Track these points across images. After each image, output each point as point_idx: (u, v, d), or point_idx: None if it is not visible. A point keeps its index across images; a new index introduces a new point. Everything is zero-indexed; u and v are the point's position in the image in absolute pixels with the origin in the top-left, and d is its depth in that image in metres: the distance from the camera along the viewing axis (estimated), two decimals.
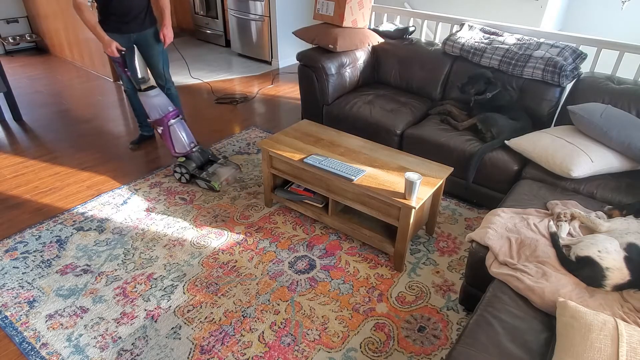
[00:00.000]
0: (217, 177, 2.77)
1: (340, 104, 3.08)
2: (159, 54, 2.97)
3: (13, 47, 5.59)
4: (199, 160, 2.86)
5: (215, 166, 2.87)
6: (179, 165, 2.81)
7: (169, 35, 2.90)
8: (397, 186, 2.09)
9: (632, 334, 1.21)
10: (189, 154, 2.84)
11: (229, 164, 2.92)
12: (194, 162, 2.82)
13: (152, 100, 2.76)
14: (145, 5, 2.83)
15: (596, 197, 2.12)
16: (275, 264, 2.24)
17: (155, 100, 2.77)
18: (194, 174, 2.80)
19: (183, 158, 2.82)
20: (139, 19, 2.82)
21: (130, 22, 2.79)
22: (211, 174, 2.79)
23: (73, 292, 2.05)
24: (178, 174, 2.85)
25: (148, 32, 2.89)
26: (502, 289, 1.55)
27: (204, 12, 6.04)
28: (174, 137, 2.80)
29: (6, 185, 2.85)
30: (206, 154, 2.93)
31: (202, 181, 2.77)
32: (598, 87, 2.53)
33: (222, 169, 2.86)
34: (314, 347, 1.81)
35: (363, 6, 3.27)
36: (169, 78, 3.13)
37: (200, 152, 2.90)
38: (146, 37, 2.90)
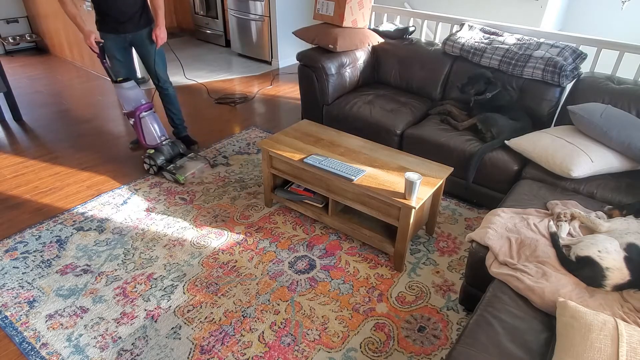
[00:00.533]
0: (183, 171, 2.86)
1: (340, 104, 3.08)
2: (155, 54, 2.97)
3: (13, 47, 5.59)
4: (169, 153, 2.95)
5: (183, 159, 2.98)
6: (148, 157, 2.89)
7: (161, 35, 2.89)
8: (397, 186, 2.09)
9: (632, 334, 1.21)
10: (158, 147, 2.92)
11: (198, 158, 3.02)
12: (162, 155, 2.90)
13: (125, 92, 2.84)
14: (141, 6, 2.82)
15: (596, 197, 2.12)
16: (275, 264, 2.24)
17: (128, 92, 2.84)
18: (162, 166, 2.88)
19: (152, 150, 2.90)
20: (135, 19, 2.81)
21: (126, 23, 2.79)
22: (178, 167, 2.89)
23: (73, 292, 2.05)
24: (147, 165, 2.93)
25: (143, 32, 2.89)
26: (502, 289, 1.55)
27: (204, 12, 6.04)
28: (145, 129, 2.91)
29: (6, 185, 2.85)
30: (177, 148, 3.01)
31: (168, 173, 2.85)
32: (598, 87, 2.53)
33: (190, 162, 2.96)
34: (314, 347, 1.81)
35: (363, 6, 3.27)
36: (166, 78, 3.11)
37: (171, 145, 2.99)
38: (142, 37, 2.89)
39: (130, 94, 2.85)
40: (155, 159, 2.87)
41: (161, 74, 3.06)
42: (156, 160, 2.87)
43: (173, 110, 3.24)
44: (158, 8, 2.85)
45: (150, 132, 2.92)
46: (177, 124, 3.30)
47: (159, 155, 2.89)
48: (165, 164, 2.90)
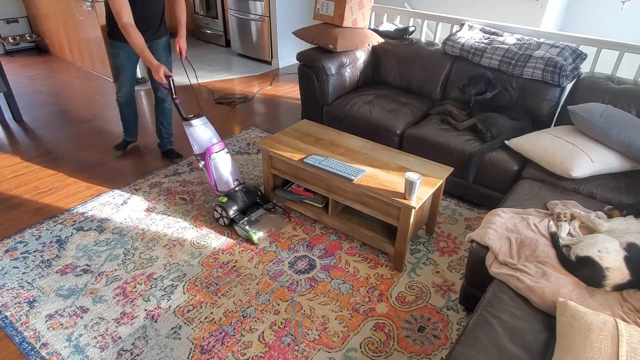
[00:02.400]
0: (257, 227, 2.40)
1: (340, 104, 3.08)
2: (165, 64, 2.77)
3: (13, 47, 5.59)
4: (242, 202, 2.50)
5: (259, 212, 2.50)
6: (219, 206, 2.45)
7: (184, 46, 2.80)
8: (397, 186, 2.09)
9: (632, 334, 1.21)
10: (231, 194, 2.50)
11: (276, 211, 2.55)
12: (236, 204, 2.46)
13: (195, 131, 2.43)
14: (160, 15, 2.75)
15: (596, 197, 2.12)
16: (275, 264, 2.24)
17: (198, 130, 2.43)
18: (234, 219, 2.44)
19: (225, 198, 2.47)
20: (154, 29, 2.72)
21: (146, 32, 2.60)
22: (253, 221, 2.43)
23: (73, 292, 2.05)
24: (217, 214, 2.50)
25: (160, 42, 2.80)
26: (502, 289, 1.55)
27: (204, 12, 6.04)
28: (216, 174, 2.46)
29: (6, 185, 2.85)
30: (253, 196, 2.57)
31: (241, 229, 2.38)
32: (598, 87, 2.53)
33: (267, 217, 2.48)
34: (314, 347, 1.81)
35: (363, 6, 3.27)
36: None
37: (246, 192, 2.55)
38: (158, 47, 2.79)
39: (199, 133, 2.43)
40: (228, 209, 2.42)
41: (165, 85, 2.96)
42: (228, 211, 2.42)
43: (164, 124, 3.11)
44: (181, 16, 2.75)
45: (221, 176, 2.46)
46: (164, 137, 3.18)
47: (232, 205, 2.44)
48: (239, 216, 2.45)
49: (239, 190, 2.52)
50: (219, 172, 2.46)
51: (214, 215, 2.55)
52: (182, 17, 2.75)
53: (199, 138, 2.43)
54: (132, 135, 3.28)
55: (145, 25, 2.63)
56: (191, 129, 2.42)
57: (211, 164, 2.44)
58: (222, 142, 2.50)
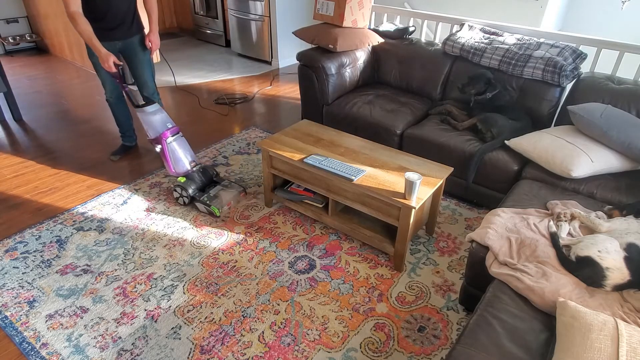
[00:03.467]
0: (218, 202, 2.56)
1: (340, 104, 3.08)
2: (146, 62, 2.81)
3: (13, 47, 5.59)
4: (200, 181, 2.65)
5: (217, 188, 2.65)
6: (178, 186, 2.60)
7: (155, 41, 2.73)
8: (397, 186, 2.09)
9: (632, 334, 1.21)
10: (189, 174, 2.64)
11: (232, 186, 2.71)
12: (194, 183, 2.61)
13: (149, 117, 2.56)
14: (132, 12, 2.68)
15: (596, 197, 2.12)
16: (275, 264, 2.24)
17: (152, 117, 2.57)
18: (194, 197, 2.59)
19: (183, 178, 2.61)
20: (125, 26, 2.66)
21: (116, 29, 2.62)
22: (212, 197, 2.57)
23: (73, 292, 2.05)
24: (177, 194, 2.65)
25: (134, 39, 2.74)
26: (502, 289, 1.55)
27: (204, 12, 6.04)
28: (173, 157, 2.61)
29: (6, 185, 2.85)
30: (209, 174, 2.72)
31: (202, 205, 2.55)
32: (598, 87, 2.53)
33: (225, 192, 2.64)
34: (314, 347, 1.81)
35: (363, 6, 3.27)
36: (154, 89, 2.96)
37: (202, 171, 2.70)
38: (132, 45, 2.74)
39: (155, 119, 2.57)
40: (187, 188, 2.56)
41: (150, 83, 2.90)
42: (188, 190, 2.56)
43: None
44: (152, 12, 2.69)
45: (178, 158, 2.62)
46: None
47: (191, 184, 2.59)
48: (198, 193, 2.60)
49: (195, 170, 2.68)
50: (175, 155, 2.62)
51: (173, 196, 2.69)
52: (152, 12, 2.69)
53: (153, 124, 2.57)
54: (129, 139, 3.24)
55: (113, 22, 2.60)
56: (144, 115, 2.56)
57: (167, 148, 2.60)
58: (176, 126, 2.66)
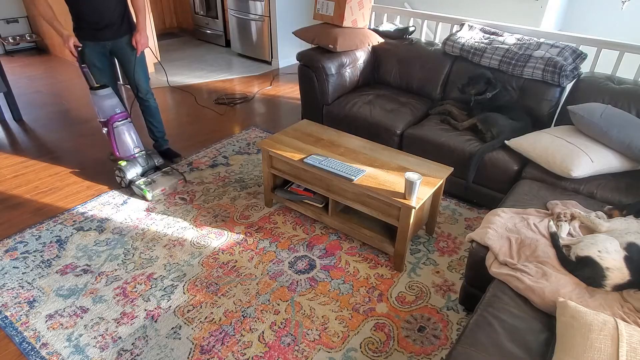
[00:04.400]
0: (153, 186, 2.70)
1: (340, 104, 3.08)
2: (138, 63, 2.77)
3: (13, 47, 5.59)
4: (142, 167, 2.81)
5: (157, 174, 2.83)
6: (118, 169, 2.76)
7: (141, 41, 2.68)
8: (397, 186, 2.09)
9: (632, 334, 1.21)
10: (131, 159, 2.77)
11: (173, 173, 2.86)
12: (134, 168, 2.77)
13: (100, 100, 2.64)
14: (122, 11, 2.63)
15: (596, 197, 2.12)
16: (275, 264, 2.24)
17: (103, 101, 2.64)
18: (132, 180, 2.74)
19: (124, 162, 2.75)
20: (114, 26, 2.62)
21: (105, 29, 2.59)
22: (149, 182, 2.73)
23: (73, 292, 2.05)
24: (118, 178, 2.80)
25: (124, 39, 2.69)
26: (502, 289, 1.55)
27: (204, 12, 6.04)
28: (118, 140, 2.71)
29: (6, 185, 2.85)
30: (152, 161, 2.88)
31: (137, 188, 2.70)
32: (598, 87, 2.53)
33: (163, 178, 2.80)
34: (314, 347, 1.81)
35: (363, 6, 3.27)
36: (148, 89, 2.91)
37: (146, 157, 2.84)
38: (122, 46, 2.70)
39: (106, 103, 2.65)
40: (126, 171, 2.73)
41: (142, 84, 2.86)
42: (126, 173, 2.73)
43: (154, 123, 3.05)
44: (138, 11, 2.65)
45: (124, 143, 2.73)
46: (158, 137, 3.13)
47: (131, 167, 2.76)
48: (137, 177, 2.77)
49: (138, 156, 2.80)
50: (120, 139, 2.72)
51: (116, 180, 2.83)
52: (139, 11, 2.66)
53: (103, 106, 2.66)
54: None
55: (101, 22, 2.57)
56: (96, 97, 2.64)
57: (114, 132, 2.70)
58: (125, 112, 2.74)
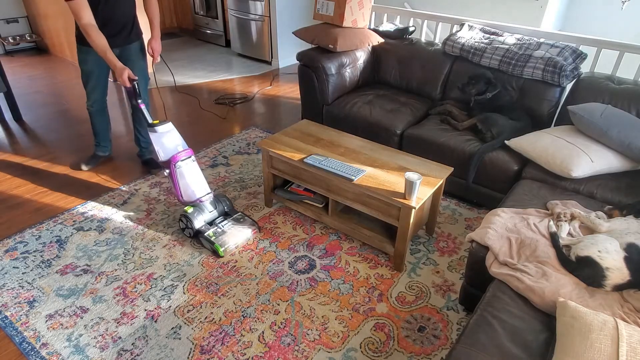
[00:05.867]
0: (224, 240, 2.30)
1: (340, 104, 3.08)
2: (141, 71, 2.71)
3: (13, 47, 5.59)
4: (209, 212, 2.41)
5: (226, 223, 2.40)
6: (184, 216, 2.36)
7: (158, 48, 2.62)
8: (397, 186, 2.09)
9: (632, 334, 1.21)
10: (197, 203, 2.40)
11: (245, 221, 2.45)
12: (201, 215, 2.37)
13: (160, 138, 2.32)
14: (132, 18, 2.60)
15: (596, 197, 2.12)
16: (275, 264, 2.24)
17: (163, 138, 2.32)
18: (200, 230, 2.33)
19: (190, 207, 2.38)
20: (125, 32, 2.58)
21: (116, 36, 2.52)
22: (219, 232, 2.33)
23: (73, 292, 2.05)
24: (182, 224, 2.41)
25: (133, 46, 2.66)
26: (502, 289, 1.55)
27: (204, 12, 6.04)
28: (182, 183, 2.34)
29: (6, 185, 2.85)
30: (221, 206, 2.48)
31: (207, 242, 2.29)
32: (598, 87, 2.53)
33: (235, 228, 2.38)
34: (314, 347, 1.81)
35: (363, 6, 3.27)
36: (147, 98, 2.79)
37: (214, 201, 2.45)
38: (130, 52, 2.65)
39: (166, 140, 2.31)
40: (193, 219, 2.32)
41: (142, 93, 2.67)
42: (193, 221, 2.32)
43: (142, 132, 2.97)
44: (153, 17, 2.58)
45: (187, 185, 2.34)
46: (143, 146, 3.04)
47: (198, 214, 2.35)
48: (205, 227, 2.35)
49: (205, 200, 2.40)
50: (184, 180, 2.34)
51: (179, 226, 2.45)
52: (154, 17, 2.59)
53: (164, 145, 2.32)
54: (104, 149, 3.09)
55: (114, 30, 2.51)
56: (156, 136, 2.31)
57: (176, 172, 2.32)
58: (189, 149, 2.39)
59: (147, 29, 2.64)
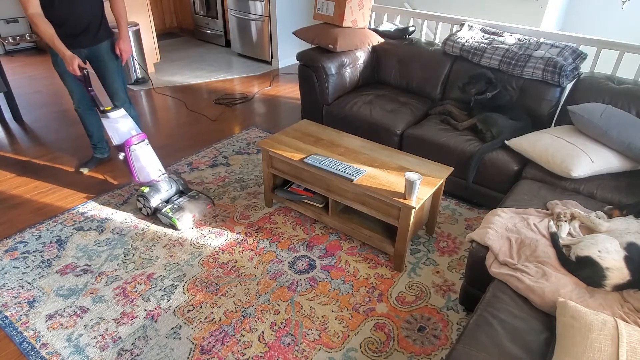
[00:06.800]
0: (181, 213, 2.45)
1: (340, 104, 3.08)
2: (115, 70, 2.67)
3: (13, 47, 5.59)
4: (165, 192, 2.55)
5: (183, 199, 2.56)
6: (141, 196, 2.49)
7: (126, 49, 2.58)
8: (397, 186, 2.09)
9: (632, 333, 1.21)
10: (153, 184, 2.53)
11: (200, 197, 2.61)
12: (157, 194, 2.50)
13: (113, 123, 2.44)
14: (98, 17, 2.52)
15: (596, 197, 2.12)
16: (275, 264, 2.24)
17: (116, 123, 2.45)
18: (157, 208, 2.48)
19: (146, 187, 2.50)
20: (91, 32, 2.51)
21: (80, 35, 2.48)
22: (176, 208, 2.47)
23: (73, 292, 2.05)
24: (140, 204, 2.54)
25: (102, 46, 2.58)
26: (502, 289, 1.55)
27: (204, 12, 6.04)
28: (137, 165, 2.48)
29: (6, 185, 2.85)
30: (176, 185, 2.63)
31: (164, 217, 2.44)
32: (598, 87, 2.53)
33: (191, 203, 2.53)
34: (314, 347, 1.81)
35: (363, 6, 3.27)
36: (126, 98, 2.81)
37: (169, 181, 2.59)
38: (99, 52, 2.59)
39: (120, 125, 2.46)
40: (150, 198, 2.46)
41: (121, 93, 2.76)
42: (150, 200, 2.46)
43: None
44: (120, 17, 2.52)
45: (142, 167, 2.49)
46: None
47: (155, 193, 2.49)
48: (162, 205, 2.50)
49: (161, 180, 2.55)
50: (139, 163, 2.49)
51: (137, 206, 2.58)
52: (120, 17, 2.53)
53: (117, 130, 2.46)
54: (102, 150, 3.08)
55: (77, 28, 2.47)
56: (108, 121, 2.44)
57: (131, 155, 2.47)
58: (143, 134, 2.53)
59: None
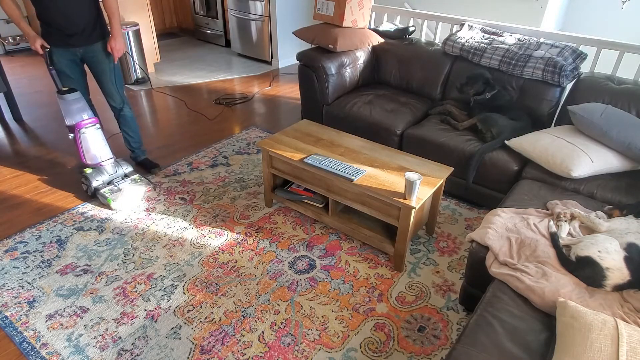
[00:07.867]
0: (117, 195, 2.60)
1: (340, 104, 3.08)
2: (110, 70, 2.66)
3: (13, 47, 5.59)
4: (109, 175, 2.70)
5: (123, 183, 2.70)
6: (83, 176, 2.68)
7: (117, 47, 2.57)
8: (397, 186, 2.09)
9: (632, 334, 1.21)
10: (98, 166, 2.67)
11: (141, 181, 2.75)
12: (100, 176, 2.67)
13: (67, 105, 2.53)
14: (94, 17, 2.51)
15: (596, 197, 2.12)
16: (275, 264, 2.24)
17: (70, 105, 2.54)
18: (97, 188, 2.65)
19: (89, 169, 2.67)
20: (86, 32, 2.50)
21: (75, 35, 2.48)
22: (115, 190, 2.62)
23: (73, 292, 2.05)
24: (84, 186, 2.73)
25: (97, 46, 2.58)
26: (502, 289, 1.55)
27: (204, 12, 6.04)
28: (84, 147, 2.62)
29: (6, 185, 2.85)
30: (120, 169, 2.76)
31: (101, 197, 2.62)
32: (598, 87, 2.53)
33: (130, 186, 2.68)
34: (314, 347, 1.81)
35: (363, 6, 3.27)
36: (122, 98, 2.82)
37: (114, 165, 2.73)
38: (95, 53, 2.59)
39: (73, 107, 2.54)
40: (91, 179, 2.63)
41: (116, 94, 2.77)
42: (91, 181, 2.63)
43: (130, 133, 2.95)
44: (112, 15, 2.52)
45: (89, 150, 2.62)
46: (134, 147, 3.02)
47: (97, 175, 2.65)
48: (102, 185, 2.66)
49: (106, 164, 2.70)
50: (87, 145, 2.62)
51: (83, 188, 2.76)
52: (112, 15, 2.53)
53: (71, 111, 2.56)
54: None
55: (70, 28, 2.45)
56: (64, 102, 2.54)
57: (80, 137, 2.60)
58: (95, 118, 2.65)
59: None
